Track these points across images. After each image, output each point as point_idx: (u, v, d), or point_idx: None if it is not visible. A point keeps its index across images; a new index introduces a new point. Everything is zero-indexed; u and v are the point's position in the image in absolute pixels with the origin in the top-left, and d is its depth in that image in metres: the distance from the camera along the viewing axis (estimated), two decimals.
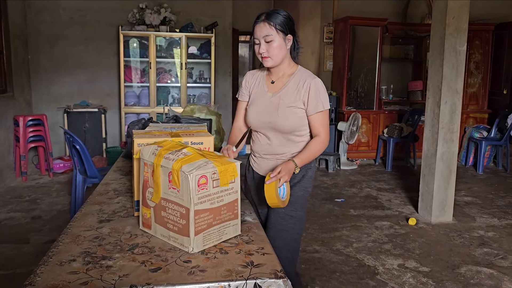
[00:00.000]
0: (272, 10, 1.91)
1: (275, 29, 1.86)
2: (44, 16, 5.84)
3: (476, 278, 2.98)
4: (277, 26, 1.86)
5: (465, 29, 3.86)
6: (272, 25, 1.85)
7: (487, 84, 6.76)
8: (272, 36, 1.86)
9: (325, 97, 1.92)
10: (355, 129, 6.06)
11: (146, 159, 1.50)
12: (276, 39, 1.87)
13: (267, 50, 1.88)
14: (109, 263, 1.28)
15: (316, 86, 1.90)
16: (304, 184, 2.01)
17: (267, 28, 1.86)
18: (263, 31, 1.87)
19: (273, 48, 1.88)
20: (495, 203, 4.70)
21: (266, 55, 1.90)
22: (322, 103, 1.90)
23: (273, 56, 1.90)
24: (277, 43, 1.87)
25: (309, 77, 1.93)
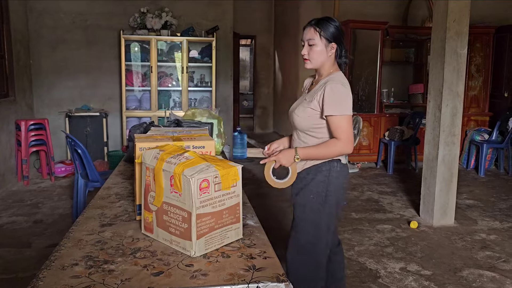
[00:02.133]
0: (323, 17, 2.03)
1: (319, 35, 1.98)
2: (46, 21, 5.87)
3: (478, 282, 2.98)
4: (322, 33, 1.98)
5: (466, 32, 3.87)
6: (318, 31, 1.98)
7: (488, 87, 6.76)
8: (314, 41, 1.99)
9: (339, 102, 1.92)
10: (356, 132, 6.06)
11: (148, 163, 1.50)
12: (319, 44, 1.99)
13: (308, 52, 2.02)
14: (111, 267, 1.28)
15: (331, 90, 1.92)
16: (313, 188, 2.01)
17: (312, 33, 1.99)
18: (308, 34, 2.01)
19: (314, 51, 2.00)
20: (497, 206, 4.69)
21: (307, 57, 2.03)
22: (335, 108, 1.91)
23: (312, 59, 2.02)
24: (318, 48, 1.99)
25: (332, 81, 1.95)
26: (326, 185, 2.01)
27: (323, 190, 2.00)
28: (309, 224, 2.03)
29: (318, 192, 2.01)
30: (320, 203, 2.01)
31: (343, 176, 2.06)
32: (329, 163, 2.02)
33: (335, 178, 2.02)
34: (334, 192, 2.02)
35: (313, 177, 2.02)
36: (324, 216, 2.02)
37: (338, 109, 1.91)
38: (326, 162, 2.02)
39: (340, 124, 1.92)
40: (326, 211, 2.02)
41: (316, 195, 2.01)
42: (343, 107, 1.92)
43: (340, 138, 1.92)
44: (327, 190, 2.00)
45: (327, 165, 2.01)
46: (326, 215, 2.02)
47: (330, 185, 2.01)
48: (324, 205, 2.01)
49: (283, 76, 9.26)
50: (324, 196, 2.00)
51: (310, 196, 2.02)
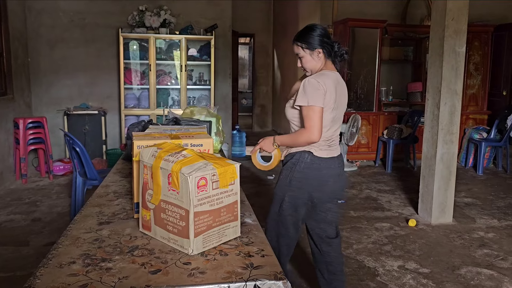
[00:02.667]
0: (300, 31, 2.25)
1: (302, 48, 2.23)
2: (44, 19, 5.85)
3: (476, 279, 2.98)
4: (304, 46, 2.22)
5: (464, 31, 3.87)
6: (299, 45, 2.23)
7: (487, 85, 6.77)
8: (300, 54, 2.25)
9: (309, 94, 2.09)
10: (354, 131, 6.06)
11: (145, 161, 1.50)
12: (305, 56, 2.24)
13: (302, 64, 2.28)
14: (109, 265, 1.28)
15: (305, 83, 2.12)
16: (284, 170, 2.29)
17: (296, 48, 2.25)
18: (295, 50, 2.27)
19: (304, 62, 2.26)
20: (495, 204, 4.70)
21: (302, 68, 2.29)
22: (303, 99, 2.11)
23: (306, 68, 2.28)
24: (306, 58, 2.24)
25: (310, 77, 2.15)
26: (291, 171, 2.24)
27: (288, 175, 2.25)
28: (277, 198, 2.30)
29: (286, 174, 2.27)
30: (286, 184, 2.26)
31: (315, 168, 2.21)
32: (300, 153, 2.23)
33: (302, 168, 2.21)
34: (300, 180, 2.21)
35: (286, 161, 2.29)
36: (287, 197, 2.25)
37: (306, 100, 2.10)
38: (298, 152, 2.24)
39: (306, 113, 2.11)
40: (289, 193, 2.25)
41: (284, 176, 2.28)
42: (311, 98, 2.09)
43: (306, 126, 2.11)
44: (292, 176, 2.23)
45: (297, 154, 2.23)
46: (289, 196, 2.25)
47: (295, 172, 2.22)
48: (289, 187, 2.24)
49: (282, 75, 9.25)
50: (289, 180, 2.24)
51: (281, 176, 2.31)
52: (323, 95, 2.09)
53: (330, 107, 2.15)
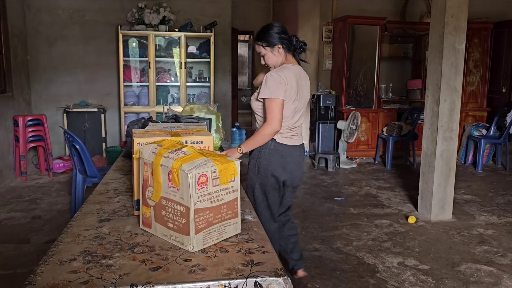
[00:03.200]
0: (259, 30, 2.42)
1: (263, 47, 2.40)
2: (43, 16, 5.84)
3: (475, 276, 2.99)
4: (264, 44, 2.39)
5: (464, 28, 3.87)
6: (260, 44, 2.40)
7: (486, 83, 6.77)
8: (263, 52, 2.42)
9: (271, 87, 2.25)
10: (354, 128, 6.06)
11: (145, 158, 1.50)
12: (267, 53, 2.41)
13: (265, 61, 2.45)
14: (110, 262, 1.28)
15: (268, 77, 2.29)
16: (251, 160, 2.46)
17: (258, 47, 2.42)
18: (257, 49, 2.44)
19: (266, 59, 2.44)
20: (495, 201, 4.71)
21: (266, 65, 2.47)
22: (266, 92, 2.26)
23: (269, 64, 2.45)
24: (267, 55, 2.42)
25: (273, 71, 2.33)
26: (258, 159, 2.41)
27: (256, 163, 2.42)
28: (249, 188, 2.48)
29: (253, 163, 2.44)
30: (254, 172, 2.44)
31: (278, 154, 2.39)
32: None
33: (267, 154, 2.38)
34: (266, 167, 2.39)
35: (252, 152, 2.44)
36: (257, 184, 2.44)
37: (268, 93, 2.26)
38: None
39: (268, 105, 2.27)
40: (259, 181, 2.43)
41: (252, 165, 2.45)
42: (273, 91, 2.25)
43: (268, 118, 2.27)
44: (260, 164, 2.41)
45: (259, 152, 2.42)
46: (259, 184, 2.43)
47: (261, 159, 2.40)
48: (258, 175, 2.43)
49: None
50: (257, 168, 2.42)
51: (250, 165, 2.47)
52: (284, 88, 2.26)
53: (292, 99, 2.33)
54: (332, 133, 6.30)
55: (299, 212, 4.25)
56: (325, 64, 6.92)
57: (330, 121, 6.28)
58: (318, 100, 6.28)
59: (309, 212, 4.28)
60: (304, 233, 3.73)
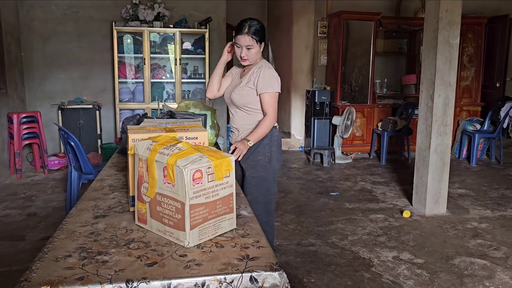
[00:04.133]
0: (252, 23, 2.41)
1: (255, 41, 2.42)
2: (37, 13, 5.81)
3: (469, 269, 3.02)
4: (256, 38, 2.42)
5: (458, 23, 3.88)
6: (254, 38, 2.41)
7: (480, 77, 6.80)
8: (252, 46, 2.43)
9: (272, 83, 2.43)
10: (349, 123, 6.08)
11: (140, 154, 1.50)
12: (255, 47, 2.44)
13: (247, 54, 2.45)
14: (105, 258, 1.29)
15: (266, 73, 2.43)
16: (261, 150, 2.51)
17: (249, 40, 2.41)
18: (246, 41, 2.41)
19: (252, 53, 2.45)
20: (488, 195, 4.74)
21: (246, 57, 2.46)
22: (270, 87, 2.43)
23: (250, 59, 2.47)
24: (255, 50, 2.45)
25: (264, 66, 2.47)
26: (270, 147, 2.53)
27: (268, 151, 2.53)
28: (261, 180, 2.52)
29: (264, 153, 2.52)
30: (267, 161, 2.53)
31: (280, 138, 2.63)
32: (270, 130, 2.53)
33: (275, 141, 2.56)
34: (276, 151, 2.56)
35: (260, 141, 2.50)
36: (270, 171, 2.54)
37: (270, 88, 2.43)
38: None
39: (270, 100, 2.45)
40: (272, 167, 2.55)
41: (264, 156, 2.52)
42: (273, 86, 2.44)
43: (269, 113, 2.46)
44: (271, 150, 2.53)
45: (269, 132, 2.52)
46: (272, 170, 2.55)
47: (272, 146, 2.54)
48: (270, 162, 2.53)
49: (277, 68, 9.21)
50: (269, 155, 2.53)
51: (259, 157, 2.51)
52: (279, 82, 2.49)
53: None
54: (327, 128, 6.31)
55: (294, 207, 4.26)
56: (320, 60, 6.93)
57: (325, 116, 6.29)
58: (313, 96, 6.29)
59: (304, 207, 4.29)
60: (299, 228, 3.74)
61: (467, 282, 2.84)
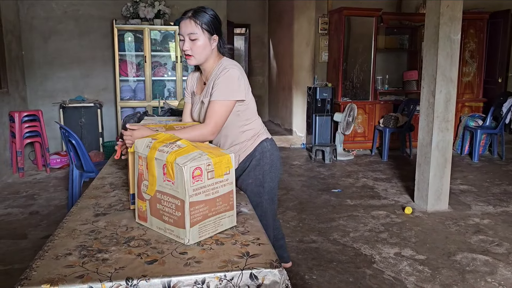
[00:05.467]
0: (199, 8, 1.91)
1: (201, 28, 1.87)
2: (37, 11, 5.81)
3: (471, 265, 3.01)
4: (203, 26, 1.87)
5: (459, 18, 3.86)
6: (198, 23, 1.86)
7: (482, 73, 6.77)
8: (197, 35, 1.87)
9: (230, 87, 1.86)
10: (351, 120, 6.07)
11: (140, 152, 1.50)
12: (201, 38, 1.88)
13: (191, 48, 1.89)
14: (105, 256, 1.29)
15: (224, 76, 1.86)
16: (251, 173, 2.03)
17: (192, 26, 1.86)
18: (188, 28, 1.87)
19: (197, 46, 1.88)
20: (491, 191, 4.73)
21: (190, 53, 1.90)
22: (223, 93, 1.84)
23: (196, 54, 1.90)
24: (201, 42, 1.88)
25: (224, 69, 1.89)
26: (261, 168, 2.03)
27: (259, 173, 2.03)
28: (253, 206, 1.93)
29: (255, 176, 2.03)
30: (258, 185, 2.03)
31: (274, 149, 2.10)
32: (259, 146, 2.04)
33: (267, 158, 2.04)
34: (269, 170, 2.05)
35: (249, 163, 2.04)
36: (264, 194, 2.05)
37: (221, 95, 1.85)
38: (257, 147, 2.04)
39: (216, 109, 1.85)
40: (266, 190, 2.05)
41: (253, 179, 2.03)
42: (227, 93, 1.86)
43: (209, 122, 1.84)
44: (263, 171, 2.03)
45: (258, 149, 2.03)
46: (267, 192, 2.06)
47: (264, 166, 2.04)
48: (263, 185, 2.04)
49: (278, 65, 9.23)
50: (261, 178, 2.03)
51: (249, 181, 2.04)
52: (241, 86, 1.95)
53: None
54: (329, 125, 6.30)
55: (296, 204, 4.26)
56: (321, 57, 6.91)
57: (327, 113, 6.27)
58: (314, 93, 6.28)
59: (306, 204, 4.29)
60: (301, 225, 3.74)
61: (469, 278, 2.84)
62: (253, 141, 2.04)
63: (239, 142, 2.02)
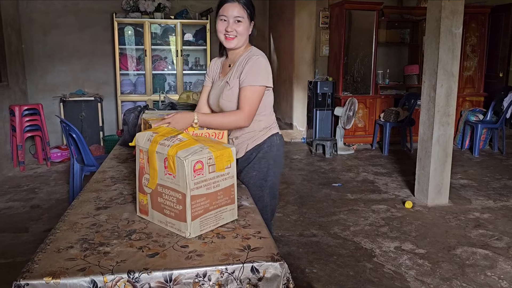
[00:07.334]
0: None
1: (247, 13, 1.93)
2: (37, 5, 5.79)
3: (471, 259, 3.02)
4: (248, 11, 1.94)
5: (461, 12, 3.85)
6: (245, 9, 1.92)
7: (483, 67, 6.75)
8: (243, 19, 1.92)
9: (258, 74, 1.89)
10: (351, 114, 6.06)
11: (141, 146, 1.50)
12: (245, 22, 1.94)
13: (235, 30, 1.93)
14: (107, 249, 1.29)
15: (255, 61, 1.90)
16: (256, 165, 2.03)
17: (240, 10, 1.91)
18: (235, 11, 1.91)
19: (241, 30, 1.93)
20: (491, 185, 4.73)
21: (234, 35, 1.93)
22: (255, 79, 1.88)
23: (238, 36, 1.94)
24: (244, 26, 1.94)
25: (253, 56, 1.93)
26: (266, 160, 2.03)
27: (265, 166, 2.03)
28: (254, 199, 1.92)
29: (259, 168, 2.03)
30: (261, 178, 2.03)
31: (281, 145, 2.11)
32: (269, 139, 2.04)
33: (274, 152, 2.05)
34: (274, 164, 2.06)
35: (256, 154, 2.03)
36: (266, 188, 2.05)
37: (253, 81, 1.88)
38: (266, 139, 2.04)
39: (250, 94, 1.88)
40: (269, 184, 2.05)
41: (258, 171, 2.03)
42: (260, 79, 1.89)
43: (243, 109, 1.87)
44: (269, 165, 2.03)
45: (267, 141, 2.04)
46: (269, 187, 2.06)
47: (270, 160, 2.04)
48: (266, 179, 2.04)
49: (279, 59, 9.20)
50: (265, 171, 2.03)
51: (253, 173, 2.03)
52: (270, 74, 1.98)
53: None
54: (330, 119, 6.29)
55: (296, 198, 4.27)
56: (322, 51, 6.89)
57: (328, 107, 6.27)
58: (315, 87, 6.27)
59: (306, 198, 4.30)
60: (301, 219, 3.75)
61: (469, 272, 2.85)
62: (264, 133, 2.04)
63: (251, 131, 2.02)
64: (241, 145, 2.04)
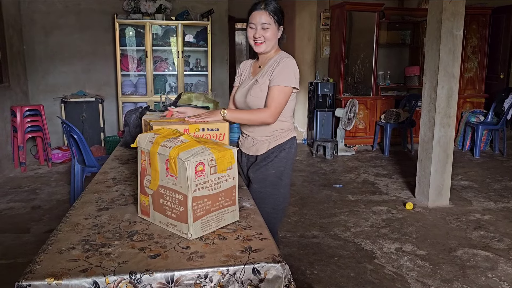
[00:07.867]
0: (269, 1, 2.08)
1: (273, 19, 2.06)
2: (38, 5, 5.79)
3: (472, 261, 3.02)
4: (275, 17, 2.06)
5: (462, 13, 3.85)
6: (272, 15, 2.06)
7: (484, 69, 6.75)
8: (269, 25, 2.06)
9: (289, 75, 2.01)
10: (352, 115, 6.07)
11: (143, 147, 1.51)
12: (272, 28, 2.06)
13: (263, 35, 2.06)
14: (109, 250, 1.29)
15: (285, 63, 2.03)
16: (276, 164, 2.12)
17: (266, 17, 2.05)
18: (263, 18, 2.05)
19: (268, 35, 2.07)
20: (492, 186, 4.73)
21: (262, 40, 2.07)
22: (285, 80, 2.00)
23: (266, 42, 2.08)
24: (272, 31, 2.07)
25: (284, 58, 2.06)
26: (286, 161, 2.14)
27: (283, 165, 2.13)
28: (267, 196, 2.13)
29: (279, 167, 2.13)
30: (278, 176, 2.13)
31: (296, 149, 2.23)
32: (290, 141, 2.15)
33: (293, 154, 2.18)
34: (290, 166, 2.18)
35: (277, 154, 2.13)
36: (280, 187, 2.14)
37: (284, 81, 2.00)
38: (287, 140, 2.15)
39: (278, 94, 2.00)
40: (283, 183, 2.15)
41: (277, 171, 2.13)
42: (289, 80, 2.01)
43: (270, 106, 2.00)
44: (286, 165, 2.14)
45: (288, 143, 2.15)
46: (283, 186, 2.15)
47: (288, 161, 2.15)
48: (281, 177, 2.13)
49: None
50: (282, 170, 2.13)
51: (272, 171, 2.13)
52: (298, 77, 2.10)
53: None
54: (330, 120, 6.30)
55: (297, 200, 4.27)
56: (323, 52, 6.89)
57: (328, 108, 6.27)
58: (316, 88, 6.27)
59: (307, 199, 4.30)
60: (302, 220, 3.75)
61: (470, 273, 2.85)
62: (286, 134, 2.15)
63: (278, 129, 2.12)
64: (262, 143, 2.15)
